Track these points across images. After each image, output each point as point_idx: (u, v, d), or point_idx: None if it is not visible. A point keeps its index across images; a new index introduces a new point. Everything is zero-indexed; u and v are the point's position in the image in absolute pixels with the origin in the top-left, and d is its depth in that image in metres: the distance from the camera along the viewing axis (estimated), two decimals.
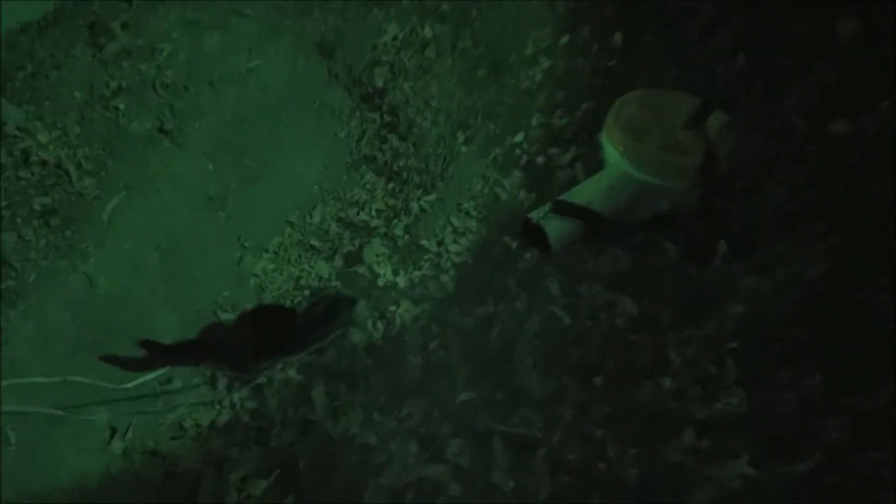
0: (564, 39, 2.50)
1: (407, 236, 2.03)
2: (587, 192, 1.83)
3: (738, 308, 1.70)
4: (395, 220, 2.08)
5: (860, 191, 1.95)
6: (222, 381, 1.92)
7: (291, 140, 2.22)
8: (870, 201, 1.94)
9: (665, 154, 1.79)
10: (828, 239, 1.88)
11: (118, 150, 2.52)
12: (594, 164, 2.05)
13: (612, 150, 1.86)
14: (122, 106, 2.67)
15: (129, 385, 1.95)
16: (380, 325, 1.76)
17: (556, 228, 1.77)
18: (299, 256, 2.03)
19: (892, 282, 1.73)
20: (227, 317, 1.97)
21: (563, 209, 1.74)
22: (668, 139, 1.85)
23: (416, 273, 1.88)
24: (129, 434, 1.97)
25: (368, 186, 2.24)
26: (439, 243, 1.97)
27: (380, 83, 2.48)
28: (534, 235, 1.82)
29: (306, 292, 1.93)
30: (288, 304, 1.94)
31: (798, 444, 1.48)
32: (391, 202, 2.14)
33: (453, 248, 1.92)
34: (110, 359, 1.81)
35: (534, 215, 1.80)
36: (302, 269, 1.99)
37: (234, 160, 2.15)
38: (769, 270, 1.82)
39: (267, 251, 2.04)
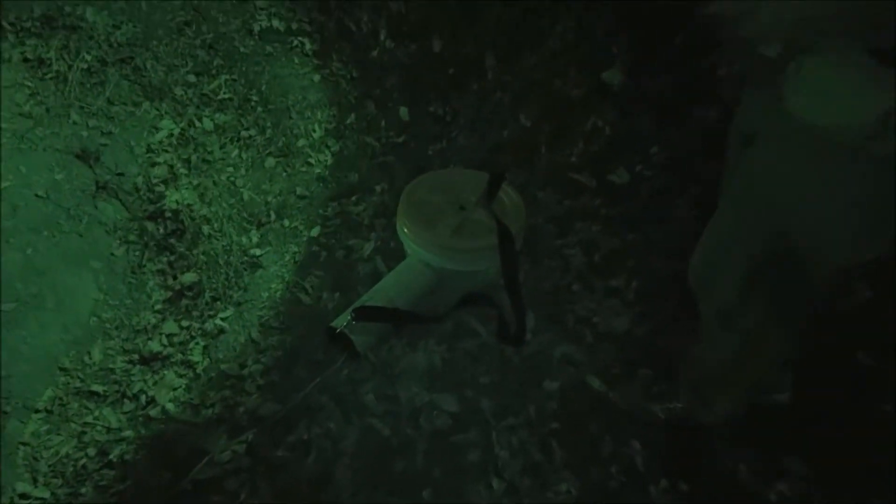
0: (351, 118, 2.43)
1: (207, 360, 1.83)
2: (390, 290, 1.74)
3: (554, 384, 1.69)
4: (191, 344, 1.87)
5: (648, 238, 2.04)
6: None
7: (56, 268, 1.92)
8: (660, 242, 2.02)
9: (460, 240, 1.76)
10: (629, 289, 1.94)
11: None
12: (395, 251, 1.98)
13: (407, 241, 1.79)
14: None
15: None
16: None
17: (362, 334, 1.67)
18: (79, 408, 1.73)
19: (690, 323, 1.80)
20: None
21: (366, 316, 1.64)
22: (461, 222, 1.82)
23: (216, 407, 1.68)
24: None
25: (157, 308, 2.00)
26: (242, 366, 1.78)
27: (159, 187, 2.26)
28: (340, 341, 1.70)
29: (91, 450, 1.65)
30: (70, 467, 1.64)
31: None
32: (185, 323, 1.92)
33: (255, 367, 1.74)
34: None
35: (336, 323, 1.68)
36: (84, 423, 1.71)
37: None
38: (579, 334, 1.83)
39: (37, 411, 1.72)
